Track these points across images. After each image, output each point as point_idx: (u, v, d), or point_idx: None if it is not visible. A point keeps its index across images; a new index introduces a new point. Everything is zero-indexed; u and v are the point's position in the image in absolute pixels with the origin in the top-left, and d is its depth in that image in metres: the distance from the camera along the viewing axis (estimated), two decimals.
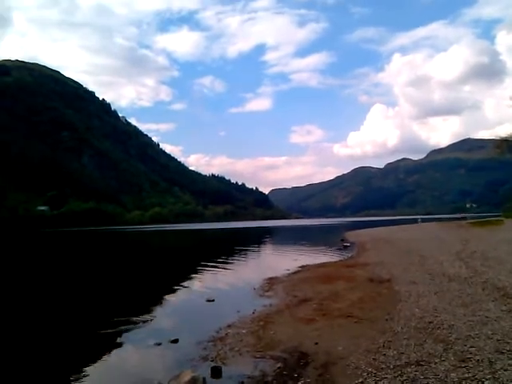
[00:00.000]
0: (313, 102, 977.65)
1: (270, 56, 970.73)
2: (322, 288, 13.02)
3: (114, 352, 8.33)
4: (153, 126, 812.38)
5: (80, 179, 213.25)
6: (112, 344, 8.71)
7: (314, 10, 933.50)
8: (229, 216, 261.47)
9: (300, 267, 19.71)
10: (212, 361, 7.16)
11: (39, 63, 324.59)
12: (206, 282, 17.07)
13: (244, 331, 8.84)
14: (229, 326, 9.38)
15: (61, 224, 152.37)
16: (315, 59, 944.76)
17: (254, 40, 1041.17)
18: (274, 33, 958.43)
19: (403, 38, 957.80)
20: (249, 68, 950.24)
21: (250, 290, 14.23)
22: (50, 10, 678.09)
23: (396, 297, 10.86)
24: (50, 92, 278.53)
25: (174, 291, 14.98)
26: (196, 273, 19.93)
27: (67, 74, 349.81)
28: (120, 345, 8.75)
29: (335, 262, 21.92)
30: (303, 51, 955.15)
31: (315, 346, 7.39)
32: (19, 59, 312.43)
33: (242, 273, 19.70)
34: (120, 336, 9.24)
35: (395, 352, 6.69)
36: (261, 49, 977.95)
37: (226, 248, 40.36)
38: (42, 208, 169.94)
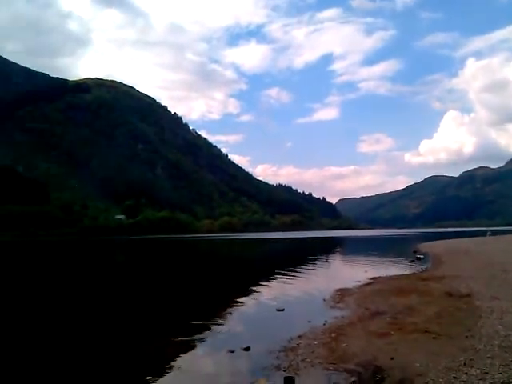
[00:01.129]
0: (382, 111, 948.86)
1: (337, 65, 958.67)
2: (395, 301, 12.59)
3: (188, 358, 8.54)
4: (222, 138, 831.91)
5: (154, 189, 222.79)
6: (186, 350, 8.95)
7: (381, 17, 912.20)
8: (296, 225, 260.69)
9: (371, 279, 19.20)
10: (285, 371, 7.15)
11: (116, 80, 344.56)
12: (276, 291, 17.12)
13: (315, 342, 8.76)
14: (300, 337, 9.33)
15: (136, 232, 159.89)
16: (384, 67, 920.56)
17: (320, 50, 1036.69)
18: (341, 42, 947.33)
19: (478, 42, 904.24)
20: (315, 78, 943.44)
21: (319, 300, 14.09)
22: (126, 30, 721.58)
23: (476, 313, 10.26)
24: (127, 107, 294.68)
25: (244, 299, 15.16)
26: (265, 281, 20.03)
27: (142, 89, 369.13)
28: (194, 351, 8.97)
29: (408, 274, 21.09)
30: (371, 59, 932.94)
31: (391, 361, 7.16)
32: (98, 77, 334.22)
33: (311, 283, 19.53)
34: (193, 342, 9.49)
35: (478, 371, 6.32)
36: (328, 58, 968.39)
37: (294, 257, 40.25)
38: (120, 217, 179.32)
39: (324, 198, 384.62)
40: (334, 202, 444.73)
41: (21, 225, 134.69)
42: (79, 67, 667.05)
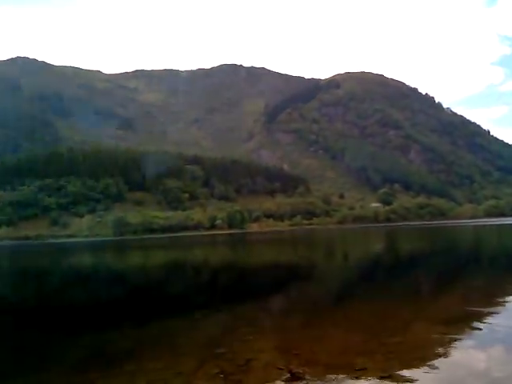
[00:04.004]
0: None
1: None
2: None
3: (462, 349, 8.03)
4: (482, 113, 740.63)
5: (408, 175, 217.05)
6: (458, 339, 8.51)
7: None
8: None
9: None
10: None
11: (365, 71, 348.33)
12: None
13: None
14: None
15: (392, 219, 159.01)
16: None
17: None
18: None
19: None
20: None
21: None
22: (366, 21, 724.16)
23: None
24: (376, 95, 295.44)
25: None
26: None
27: (391, 75, 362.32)
28: (468, 341, 8.44)
29: None
30: None
31: None
32: (348, 71, 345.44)
33: None
34: (467, 331, 8.99)
35: None
36: None
37: None
38: (375, 205, 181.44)
39: None
40: None
41: (289, 215, 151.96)
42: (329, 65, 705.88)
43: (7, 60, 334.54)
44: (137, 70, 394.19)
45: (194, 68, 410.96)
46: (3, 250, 78.03)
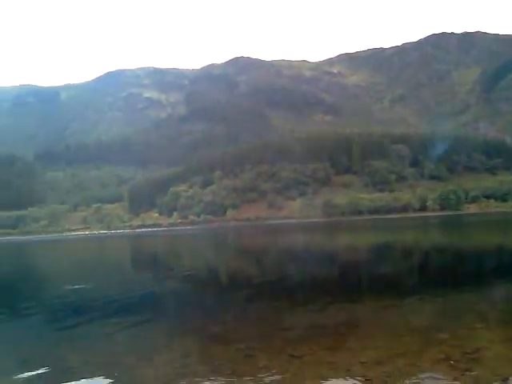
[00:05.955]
0: None
1: None
2: None
3: None
4: None
5: None
6: None
7: None
8: None
9: None
10: None
11: None
12: None
13: None
14: None
15: None
16: None
17: None
18: None
19: None
20: None
21: None
22: None
23: None
24: None
25: None
26: None
27: None
28: None
29: None
30: None
31: None
32: None
33: None
34: None
35: None
36: None
37: None
38: None
39: None
40: None
41: None
42: None
43: (228, 61, 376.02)
44: (340, 54, 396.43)
45: (399, 43, 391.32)
46: (230, 230, 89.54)
